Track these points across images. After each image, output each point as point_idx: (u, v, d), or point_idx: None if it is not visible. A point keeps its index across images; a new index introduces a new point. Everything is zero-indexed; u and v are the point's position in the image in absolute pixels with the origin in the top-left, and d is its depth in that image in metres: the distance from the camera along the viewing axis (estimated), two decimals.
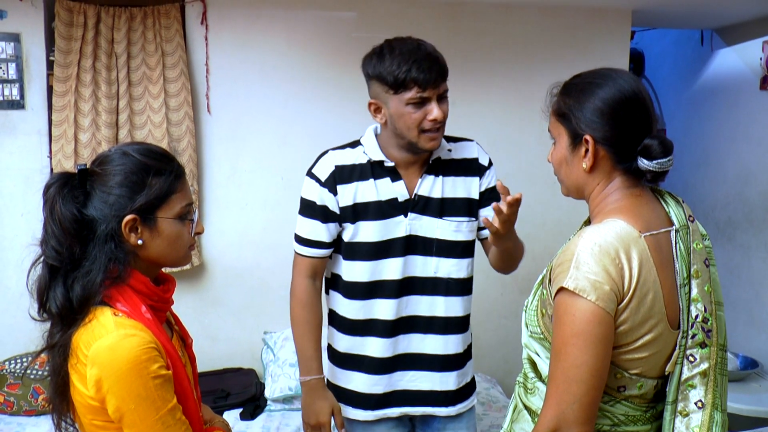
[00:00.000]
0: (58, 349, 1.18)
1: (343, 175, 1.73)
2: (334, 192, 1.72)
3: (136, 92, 2.83)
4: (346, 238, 1.74)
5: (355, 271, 1.75)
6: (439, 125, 1.65)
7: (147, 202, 1.21)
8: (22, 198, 2.85)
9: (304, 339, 1.77)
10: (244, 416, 2.64)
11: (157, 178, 1.22)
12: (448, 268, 1.75)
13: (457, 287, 1.77)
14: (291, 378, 2.68)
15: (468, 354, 1.87)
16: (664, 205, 1.27)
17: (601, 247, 1.14)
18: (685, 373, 1.20)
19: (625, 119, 1.20)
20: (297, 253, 1.79)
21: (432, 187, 1.74)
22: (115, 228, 1.19)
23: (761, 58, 3.26)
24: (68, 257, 1.17)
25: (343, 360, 1.81)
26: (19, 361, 2.72)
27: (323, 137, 2.98)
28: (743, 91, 3.43)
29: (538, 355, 1.28)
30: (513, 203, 1.50)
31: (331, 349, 1.86)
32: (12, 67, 2.78)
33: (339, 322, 1.81)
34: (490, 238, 1.61)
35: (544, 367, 1.26)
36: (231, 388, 2.82)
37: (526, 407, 1.32)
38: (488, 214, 1.73)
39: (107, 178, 1.20)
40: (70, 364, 1.17)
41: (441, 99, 1.65)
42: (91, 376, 1.13)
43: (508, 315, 3.09)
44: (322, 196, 1.73)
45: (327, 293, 1.86)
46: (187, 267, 2.86)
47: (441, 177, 1.75)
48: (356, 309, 1.76)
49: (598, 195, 1.26)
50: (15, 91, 2.80)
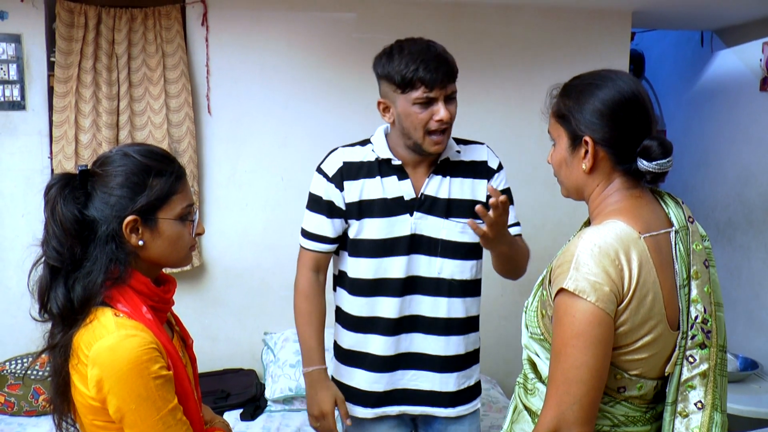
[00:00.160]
0: (59, 350, 1.18)
1: (351, 171, 1.74)
2: (341, 188, 1.74)
3: (137, 93, 2.84)
4: (352, 234, 1.76)
5: (360, 268, 1.76)
6: (445, 126, 1.65)
7: (148, 202, 1.21)
8: (22, 199, 2.85)
9: (306, 330, 1.79)
10: (245, 417, 2.65)
11: (158, 179, 1.23)
12: (452, 269, 1.75)
13: (460, 289, 1.77)
14: (291, 379, 2.68)
15: (472, 357, 1.85)
16: (664, 206, 1.27)
17: (601, 249, 1.14)
18: (685, 374, 1.20)
19: (625, 120, 1.21)
20: (302, 246, 1.82)
21: (439, 187, 1.74)
22: (116, 229, 1.19)
23: (761, 60, 3.26)
24: (69, 258, 1.18)
25: (346, 357, 1.83)
26: (19, 361, 2.72)
27: (323, 138, 2.99)
28: (743, 93, 3.43)
29: (538, 356, 1.28)
30: (496, 206, 1.49)
31: (336, 345, 1.87)
32: (13, 67, 2.78)
33: (344, 318, 1.82)
34: (481, 242, 1.61)
35: (544, 368, 1.26)
36: (231, 389, 2.82)
37: (526, 408, 1.32)
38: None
39: (108, 179, 1.21)
40: (71, 364, 1.17)
41: (448, 100, 1.65)
42: (92, 377, 1.13)
43: (508, 316, 3.08)
44: (328, 192, 1.75)
45: (334, 290, 1.87)
46: (188, 268, 2.87)
47: (448, 178, 1.75)
48: (360, 306, 1.77)
49: (597, 196, 1.26)
50: (16, 92, 2.80)
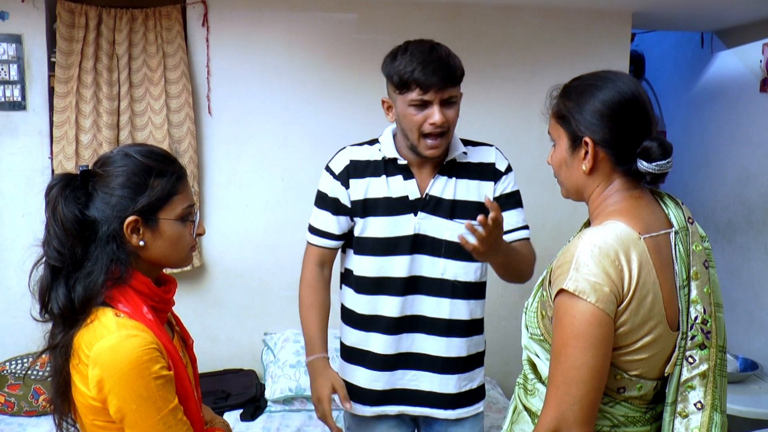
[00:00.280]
0: (60, 350, 1.18)
1: (357, 170, 1.76)
2: (347, 185, 1.76)
3: (137, 94, 2.84)
4: (357, 232, 1.78)
5: (364, 265, 1.77)
6: (439, 130, 1.64)
7: (149, 203, 1.21)
8: (23, 199, 2.86)
9: (308, 320, 1.81)
10: (245, 417, 2.65)
11: (159, 180, 1.23)
12: (456, 270, 1.75)
13: (463, 290, 1.76)
14: (291, 379, 2.68)
15: (475, 359, 1.83)
16: (664, 207, 1.27)
17: (601, 249, 1.15)
18: (685, 375, 1.20)
19: (625, 121, 1.21)
20: (308, 242, 1.85)
21: (444, 188, 1.74)
22: (117, 229, 1.20)
23: (761, 61, 3.26)
24: (70, 258, 1.18)
25: (349, 354, 1.85)
26: (20, 361, 2.72)
27: (324, 138, 2.99)
28: (743, 94, 3.43)
29: (538, 356, 1.28)
30: (485, 224, 1.47)
31: (341, 344, 1.89)
32: (13, 68, 2.78)
33: (348, 315, 1.84)
34: (473, 254, 1.57)
35: (544, 369, 1.26)
36: (231, 389, 2.82)
37: (526, 408, 1.32)
38: (505, 220, 1.72)
39: (109, 180, 1.21)
40: (72, 364, 1.18)
41: (446, 104, 1.64)
42: (92, 377, 1.13)
43: (508, 316, 3.08)
44: (334, 189, 1.77)
45: (341, 288, 1.89)
46: (188, 268, 2.87)
47: (454, 179, 1.75)
48: (363, 303, 1.79)
49: (597, 197, 1.26)
50: (16, 93, 2.80)
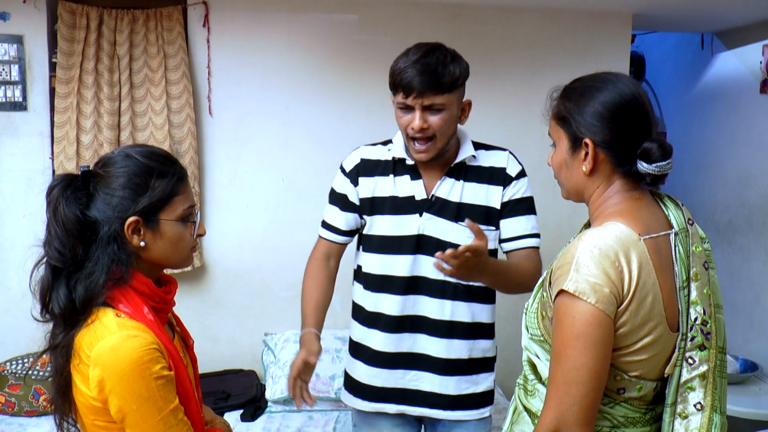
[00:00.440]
0: (61, 350, 1.18)
1: (367, 168, 1.80)
2: (356, 183, 1.81)
3: (138, 94, 2.84)
4: (364, 230, 1.82)
5: (369, 262, 1.81)
6: (420, 135, 1.65)
7: (150, 204, 1.21)
8: (23, 199, 2.86)
9: (304, 298, 1.84)
10: (245, 417, 2.65)
11: (160, 180, 1.23)
12: None
13: (465, 293, 1.76)
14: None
15: (479, 363, 1.82)
16: (664, 209, 1.27)
17: (601, 250, 1.15)
18: (684, 376, 1.20)
19: (625, 123, 1.21)
20: (318, 235, 1.90)
21: (450, 190, 1.75)
22: (118, 229, 1.20)
23: (761, 62, 3.27)
24: (71, 258, 1.18)
25: (354, 349, 1.88)
26: (20, 361, 2.72)
27: (324, 139, 2.99)
28: (743, 95, 3.43)
29: (538, 357, 1.28)
30: (458, 255, 1.43)
31: (349, 339, 1.92)
32: (15, 68, 2.79)
33: (355, 311, 1.87)
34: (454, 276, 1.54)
35: (544, 370, 1.26)
36: (232, 390, 2.82)
37: (526, 409, 1.32)
38: (511, 226, 1.75)
39: (110, 180, 1.21)
40: (73, 364, 1.18)
41: (431, 110, 1.64)
42: (93, 377, 1.13)
43: (508, 317, 3.08)
44: (343, 186, 1.83)
45: (353, 284, 1.91)
46: (189, 269, 2.87)
47: (462, 181, 1.75)
48: (368, 300, 1.82)
49: (597, 198, 1.27)
50: (17, 93, 2.81)
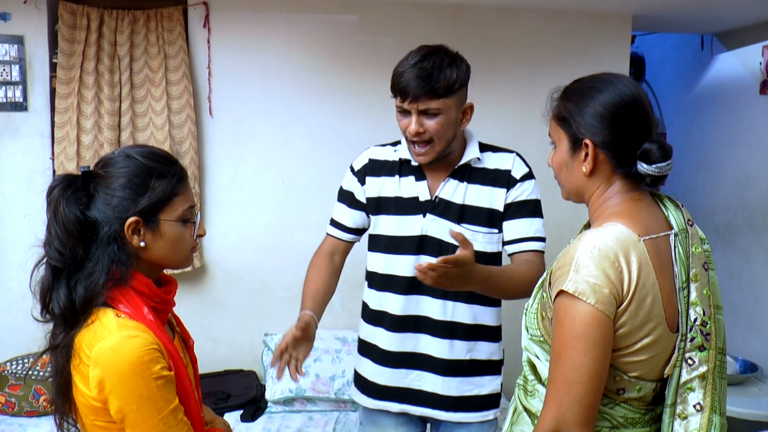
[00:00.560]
0: (61, 350, 1.18)
1: (375, 168, 1.83)
2: (362, 182, 1.84)
3: (139, 94, 2.84)
4: (370, 229, 1.85)
5: (375, 261, 1.83)
6: (417, 139, 1.66)
7: (150, 204, 1.22)
8: (24, 199, 2.86)
9: (306, 287, 1.85)
10: (245, 418, 2.65)
11: (160, 181, 1.23)
12: None
13: (466, 294, 1.74)
14: (291, 380, 2.68)
15: (482, 365, 1.82)
16: (663, 210, 1.28)
17: (601, 251, 1.15)
18: (684, 376, 1.20)
19: (625, 124, 1.21)
20: (326, 233, 1.93)
21: (454, 191, 1.75)
22: (118, 230, 1.20)
23: (761, 63, 3.27)
24: (71, 259, 1.18)
25: (362, 346, 1.91)
26: (20, 362, 2.73)
27: (324, 140, 2.99)
28: (743, 96, 3.43)
29: (537, 357, 1.28)
30: (435, 267, 1.41)
31: (358, 337, 1.93)
32: (15, 69, 2.79)
33: (364, 310, 1.90)
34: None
35: (543, 370, 1.26)
36: (232, 390, 2.82)
37: (525, 409, 1.32)
38: (513, 228, 1.75)
39: (110, 181, 1.21)
40: (73, 365, 1.18)
41: (426, 115, 1.64)
42: (93, 377, 1.13)
43: (508, 318, 3.07)
44: (350, 184, 1.87)
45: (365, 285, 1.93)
46: (189, 269, 2.87)
47: (465, 183, 1.75)
48: (374, 299, 1.84)
49: (597, 199, 1.27)
50: (18, 93, 2.81)
